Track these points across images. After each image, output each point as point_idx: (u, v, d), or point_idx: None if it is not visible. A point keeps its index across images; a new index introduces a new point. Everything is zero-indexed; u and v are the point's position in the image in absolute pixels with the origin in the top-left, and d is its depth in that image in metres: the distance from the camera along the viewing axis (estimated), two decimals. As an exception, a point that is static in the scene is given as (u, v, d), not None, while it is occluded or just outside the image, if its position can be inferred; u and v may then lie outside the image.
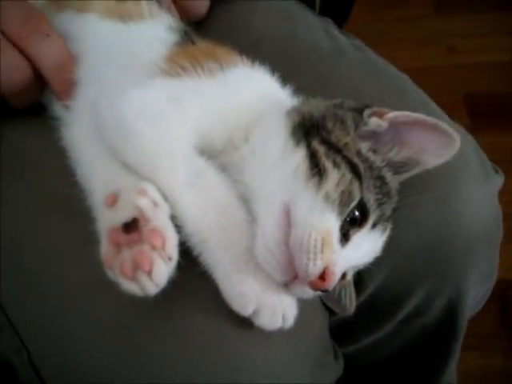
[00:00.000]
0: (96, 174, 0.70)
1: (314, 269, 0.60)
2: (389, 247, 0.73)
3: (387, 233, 0.71)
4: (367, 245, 0.68)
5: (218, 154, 0.70)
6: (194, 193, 0.64)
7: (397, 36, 2.39)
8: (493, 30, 2.39)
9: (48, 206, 0.75)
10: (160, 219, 0.60)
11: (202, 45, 0.79)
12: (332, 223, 0.63)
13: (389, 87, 0.92)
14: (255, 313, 0.62)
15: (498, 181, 0.91)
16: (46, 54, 0.75)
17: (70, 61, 0.77)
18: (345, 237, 0.65)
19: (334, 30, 1.05)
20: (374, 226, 0.67)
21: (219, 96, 0.71)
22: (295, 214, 0.62)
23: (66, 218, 0.73)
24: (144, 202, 0.60)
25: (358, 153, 0.68)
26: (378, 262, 0.72)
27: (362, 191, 0.65)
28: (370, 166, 0.68)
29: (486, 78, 2.24)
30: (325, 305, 0.81)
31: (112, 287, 0.59)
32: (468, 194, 0.84)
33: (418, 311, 0.93)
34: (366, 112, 0.71)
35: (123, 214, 0.60)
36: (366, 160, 0.68)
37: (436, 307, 0.92)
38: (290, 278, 0.62)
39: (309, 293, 0.64)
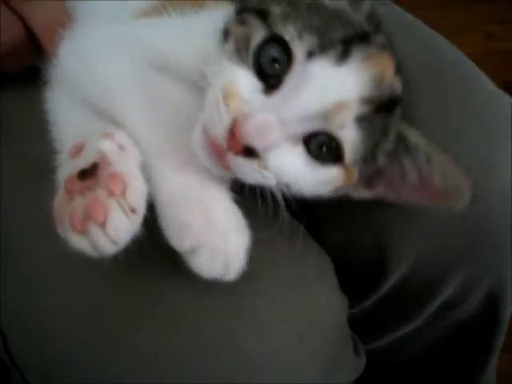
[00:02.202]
0: (68, 131, 0.68)
1: (221, 125, 0.54)
2: (418, 225, 0.69)
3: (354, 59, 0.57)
4: (320, 81, 0.55)
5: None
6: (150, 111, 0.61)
7: (434, 23, 2.37)
8: (532, 17, 2.43)
9: (25, 175, 0.73)
10: (125, 164, 0.55)
11: None
12: (233, 74, 0.57)
13: (422, 42, 0.89)
14: (193, 250, 0.56)
15: None
16: (39, 11, 0.74)
17: (64, 20, 0.75)
18: (272, 86, 0.57)
19: None
20: (311, 54, 0.55)
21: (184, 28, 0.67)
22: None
23: (41, 185, 0.69)
24: (107, 145, 0.56)
25: None
26: (405, 243, 0.68)
27: (269, 27, 0.57)
28: None
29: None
30: (344, 291, 0.76)
31: (87, 262, 0.54)
32: None
33: (454, 302, 0.87)
34: None
35: (83, 161, 0.55)
36: None
37: (474, 298, 0.86)
38: (220, 156, 0.56)
39: (247, 165, 0.55)
